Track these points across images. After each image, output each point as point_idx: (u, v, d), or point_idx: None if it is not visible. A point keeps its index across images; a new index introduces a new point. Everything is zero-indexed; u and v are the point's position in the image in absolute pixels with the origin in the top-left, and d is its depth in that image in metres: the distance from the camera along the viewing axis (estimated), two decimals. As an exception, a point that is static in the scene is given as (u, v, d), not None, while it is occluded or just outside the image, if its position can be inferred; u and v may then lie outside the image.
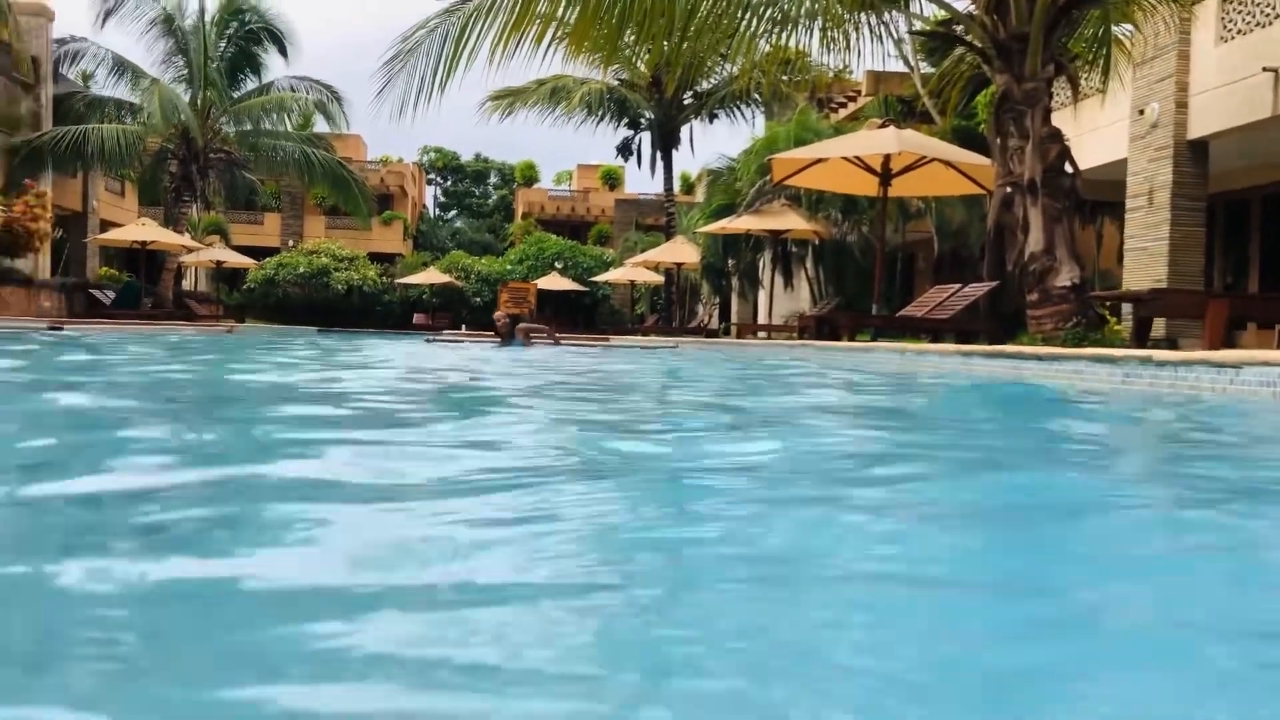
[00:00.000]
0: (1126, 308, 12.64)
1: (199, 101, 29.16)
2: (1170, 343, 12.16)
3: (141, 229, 26.36)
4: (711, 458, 3.30)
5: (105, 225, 32.19)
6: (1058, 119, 10.99)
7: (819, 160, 14.36)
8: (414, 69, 11.39)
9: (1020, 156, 10.21)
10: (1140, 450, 4.16)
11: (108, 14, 28.53)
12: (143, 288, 26.99)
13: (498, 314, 17.35)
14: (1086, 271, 13.26)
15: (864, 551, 1.82)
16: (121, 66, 29.71)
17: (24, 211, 22.16)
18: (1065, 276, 9.83)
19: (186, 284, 35.51)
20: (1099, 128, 15.30)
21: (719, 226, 20.72)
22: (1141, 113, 14.00)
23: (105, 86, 30.91)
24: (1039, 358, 6.86)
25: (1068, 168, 10.23)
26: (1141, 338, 8.44)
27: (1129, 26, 12.64)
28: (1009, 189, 10.34)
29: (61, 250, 30.68)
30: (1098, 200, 17.96)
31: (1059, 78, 11.00)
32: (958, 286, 13.72)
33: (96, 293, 26.33)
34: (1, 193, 24.12)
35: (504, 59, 10.88)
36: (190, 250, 29.04)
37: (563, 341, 17.45)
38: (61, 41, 29.41)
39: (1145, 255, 13.94)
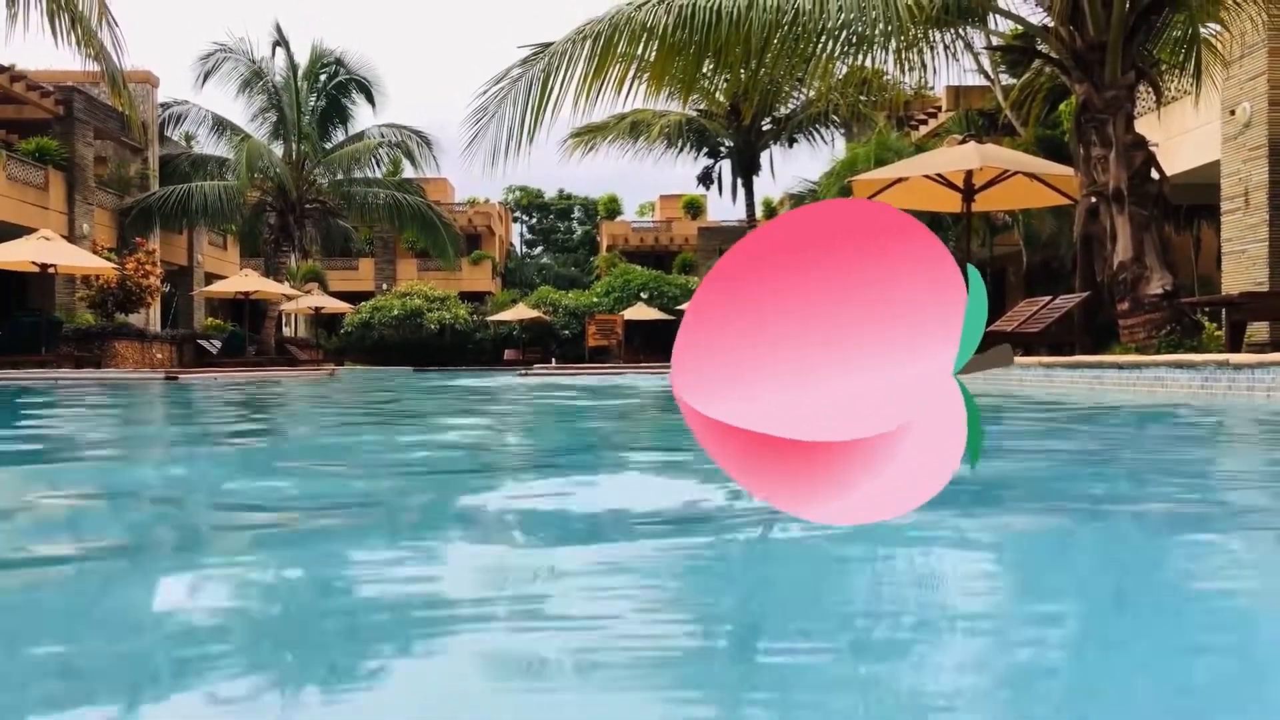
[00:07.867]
0: (1228, 314, 12.29)
1: (293, 154, 30.26)
2: (1276, 347, 11.80)
3: (244, 280, 27.35)
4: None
5: (210, 278, 33.65)
6: (1144, 125, 10.84)
7: (900, 179, 14.31)
8: (501, 119, 11.65)
9: (1104, 165, 10.08)
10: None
11: (207, 75, 29.96)
12: (246, 336, 27.98)
13: None
14: (1183, 278, 12.95)
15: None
16: (221, 125, 31.09)
17: (135, 269, 23.36)
18: (1156, 284, 9.66)
19: (287, 330, 36.76)
20: (1189, 130, 14.98)
21: (803, 250, 20.69)
22: (1233, 113, 13.68)
23: (207, 145, 32.41)
24: (1119, 366, 6.77)
25: (1154, 174, 10.07)
26: (1235, 343, 8.24)
27: (1216, 26, 12.39)
28: (1094, 199, 10.22)
29: (170, 303, 32.08)
30: (1193, 204, 17.52)
31: (1141, 84, 10.85)
32: (1048, 299, 13.52)
33: (204, 343, 27.35)
34: (114, 251, 25.44)
35: (588, 104, 11.15)
36: (290, 298, 30.06)
37: None
38: (166, 105, 30.97)
39: (1244, 258, 13.58)
